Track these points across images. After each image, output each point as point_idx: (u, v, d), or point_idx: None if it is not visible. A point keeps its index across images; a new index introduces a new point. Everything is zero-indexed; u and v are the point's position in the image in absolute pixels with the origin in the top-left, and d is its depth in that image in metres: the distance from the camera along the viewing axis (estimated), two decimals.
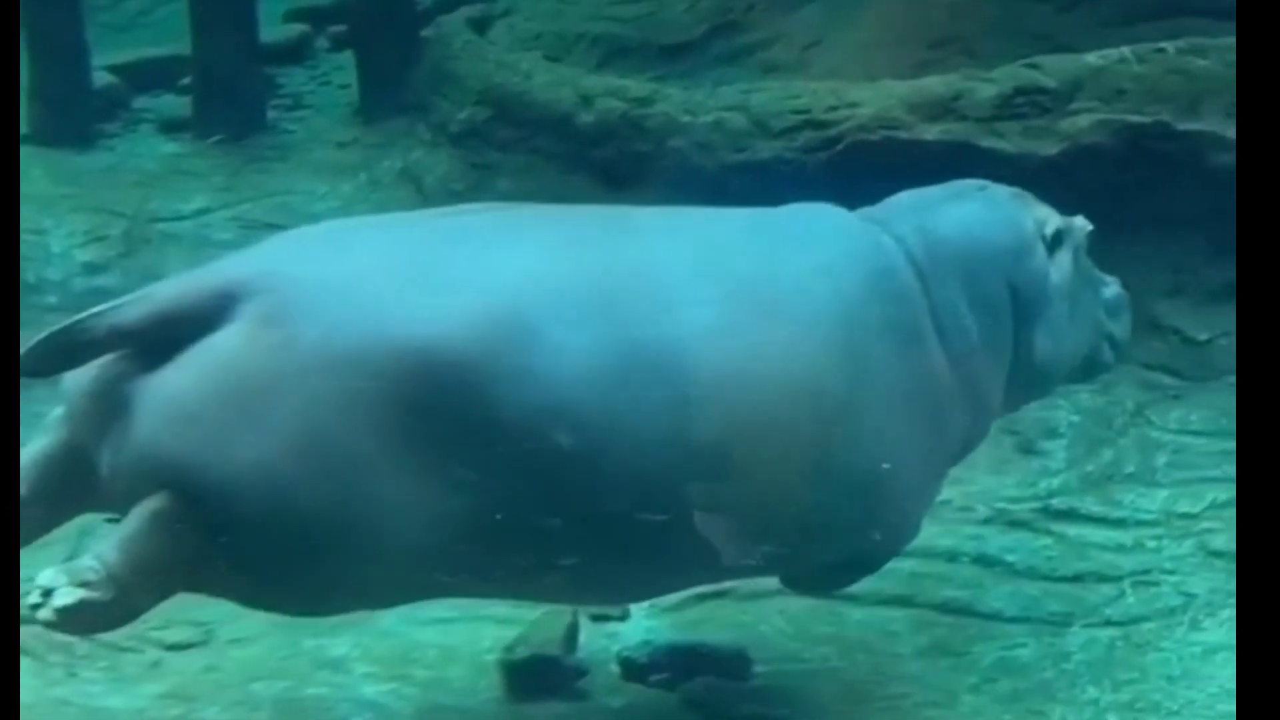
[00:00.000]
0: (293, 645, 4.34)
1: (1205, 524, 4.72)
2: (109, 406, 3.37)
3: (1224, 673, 4.06)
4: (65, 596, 3.26)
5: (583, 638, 4.34)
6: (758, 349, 3.57)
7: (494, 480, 3.37)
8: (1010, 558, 4.58)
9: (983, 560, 4.61)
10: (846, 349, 3.71)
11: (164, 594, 3.43)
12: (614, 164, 6.28)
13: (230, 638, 4.36)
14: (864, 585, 4.39)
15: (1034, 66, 5.79)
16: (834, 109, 5.85)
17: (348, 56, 8.24)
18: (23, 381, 3.24)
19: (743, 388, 3.54)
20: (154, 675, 4.24)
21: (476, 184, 6.93)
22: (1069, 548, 4.39)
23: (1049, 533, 4.75)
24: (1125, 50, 5.70)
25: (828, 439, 3.67)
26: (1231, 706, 3.90)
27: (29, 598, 3.23)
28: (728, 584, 4.62)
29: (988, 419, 4.17)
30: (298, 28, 8.79)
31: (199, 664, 4.30)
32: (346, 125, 7.93)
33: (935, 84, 5.86)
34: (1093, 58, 5.73)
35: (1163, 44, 5.71)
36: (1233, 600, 4.33)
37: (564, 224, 3.76)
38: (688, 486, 3.53)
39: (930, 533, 4.33)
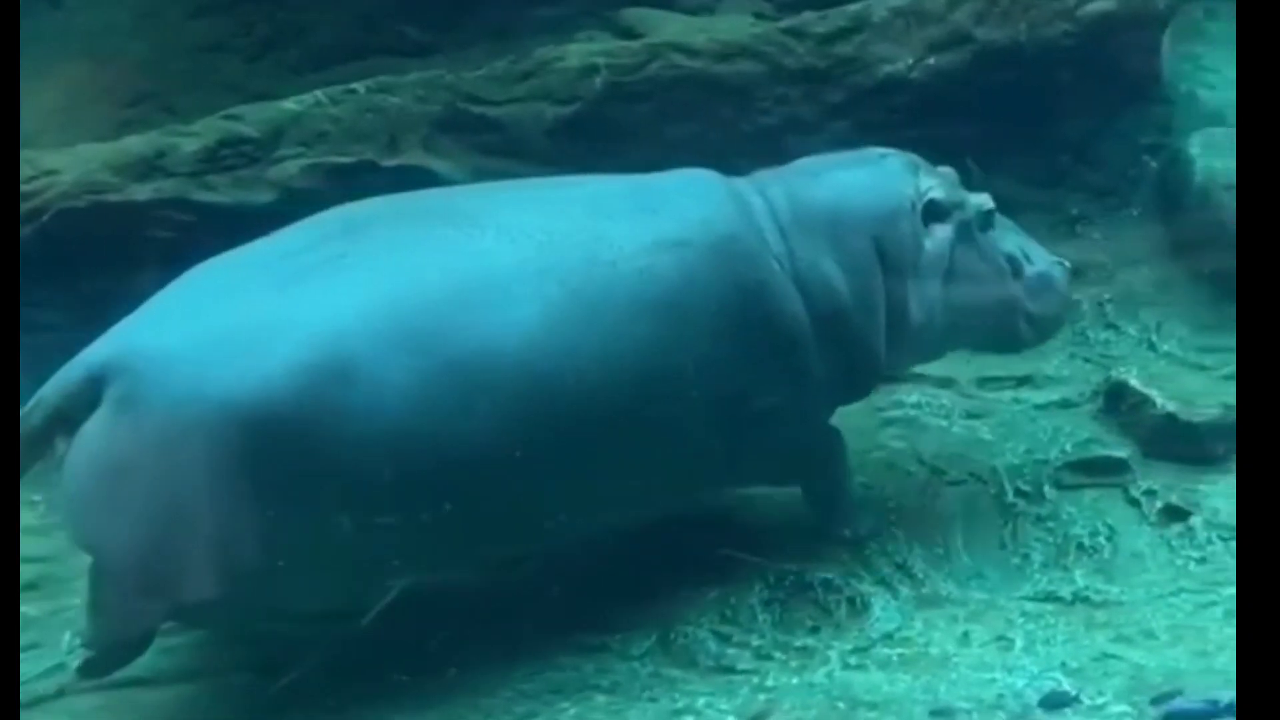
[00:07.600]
0: None
1: None
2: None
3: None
4: (75, 659, 4.05)
5: None
6: (590, 340, 3.86)
7: (343, 510, 3.74)
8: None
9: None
10: (688, 316, 4.05)
11: (147, 624, 3.95)
12: None
13: None
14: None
15: (234, 118, 5.80)
16: (33, 179, 5.56)
17: None
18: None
19: (576, 380, 3.83)
20: None
21: None
22: None
23: None
24: (319, 94, 5.84)
25: (684, 398, 4.04)
26: None
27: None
28: None
29: (869, 373, 4.47)
30: None
31: None
32: None
33: (136, 143, 5.74)
34: (290, 104, 5.82)
35: (354, 85, 5.89)
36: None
37: (403, 237, 3.96)
38: (543, 481, 3.88)
39: None
